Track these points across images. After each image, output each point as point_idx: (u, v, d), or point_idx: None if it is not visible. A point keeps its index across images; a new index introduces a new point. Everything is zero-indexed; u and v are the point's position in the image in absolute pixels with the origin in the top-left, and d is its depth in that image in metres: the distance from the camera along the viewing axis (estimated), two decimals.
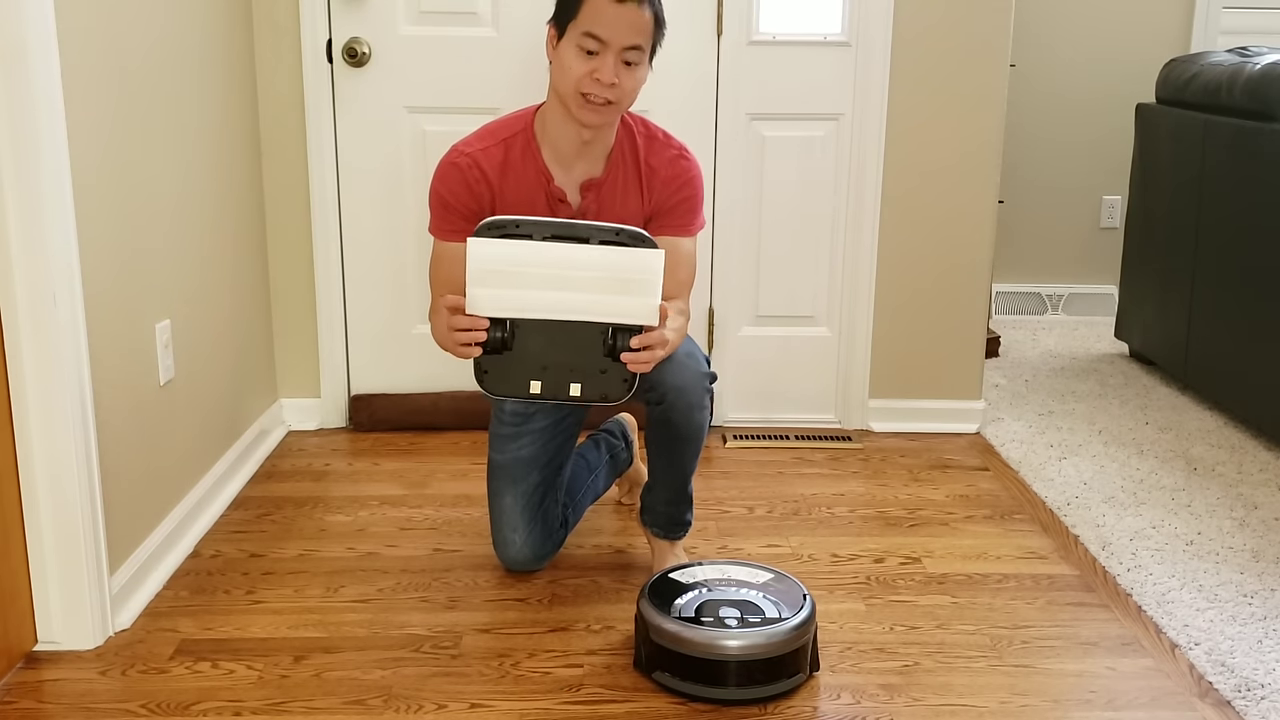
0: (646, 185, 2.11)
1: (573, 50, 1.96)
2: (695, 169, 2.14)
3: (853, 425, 3.23)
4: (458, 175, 2.07)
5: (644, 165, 2.10)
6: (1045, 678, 1.99)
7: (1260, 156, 3.08)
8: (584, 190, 2.09)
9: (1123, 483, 2.85)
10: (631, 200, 2.11)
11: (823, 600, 2.24)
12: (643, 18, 1.96)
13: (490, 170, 2.07)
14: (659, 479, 2.25)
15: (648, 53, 2.01)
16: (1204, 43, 4.32)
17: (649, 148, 2.11)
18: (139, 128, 2.23)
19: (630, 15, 1.94)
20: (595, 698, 1.90)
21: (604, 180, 2.09)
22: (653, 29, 1.99)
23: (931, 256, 3.13)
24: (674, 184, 2.11)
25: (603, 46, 1.95)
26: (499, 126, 2.12)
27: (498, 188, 2.07)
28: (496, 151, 2.07)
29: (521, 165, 2.07)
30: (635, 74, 2.00)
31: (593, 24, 1.94)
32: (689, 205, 2.13)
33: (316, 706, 1.87)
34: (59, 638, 2.03)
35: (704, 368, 2.14)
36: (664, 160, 2.11)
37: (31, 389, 1.93)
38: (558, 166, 2.08)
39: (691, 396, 2.11)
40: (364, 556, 2.41)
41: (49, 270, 1.89)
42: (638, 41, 1.97)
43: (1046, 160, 4.43)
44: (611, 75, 1.95)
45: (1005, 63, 3.05)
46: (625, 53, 1.96)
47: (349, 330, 3.14)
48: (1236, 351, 3.19)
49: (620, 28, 1.94)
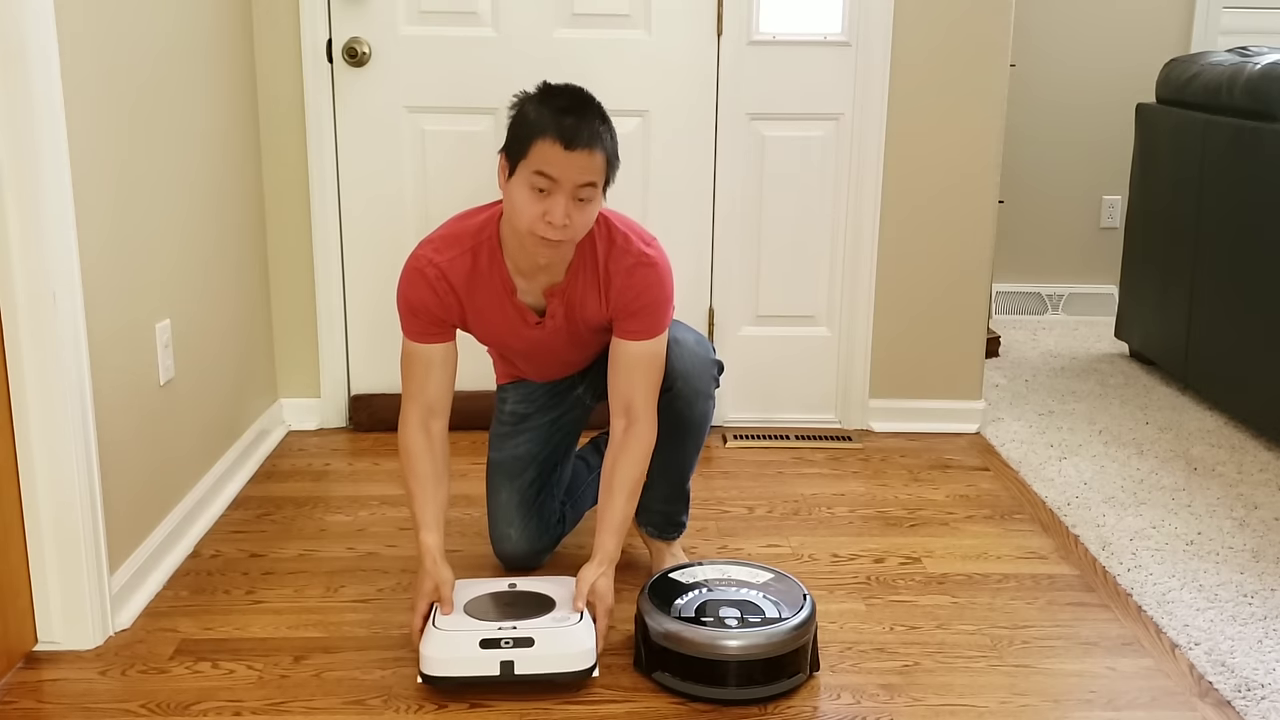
0: (604, 291, 2.05)
1: (524, 190, 1.90)
2: (656, 274, 2.04)
3: (853, 425, 3.23)
4: (425, 285, 2.03)
5: (602, 271, 2.04)
6: (1045, 678, 1.99)
7: (1260, 156, 3.08)
8: (548, 296, 2.06)
9: (1123, 483, 2.85)
10: (591, 303, 2.06)
11: (823, 600, 2.24)
12: (594, 161, 1.89)
13: (458, 282, 2.03)
14: (657, 475, 2.24)
15: (600, 188, 1.94)
16: (1204, 43, 4.32)
17: (609, 254, 2.04)
18: (139, 128, 2.23)
19: (580, 161, 1.88)
20: (595, 698, 1.90)
21: (566, 286, 2.05)
22: (605, 167, 1.92)
23: (931, 256, 3.13)
24: (630, 293, 2.03)
25: (554, 185, 1.88)
26: (465, 232, 2.05)
27: (465, 297, 2.05)
28: (463, 261, 2.03)
29: (489, 274, 2.04)
30: (587, 210, 1.93)
31: (544, 165, 1.87)
32: (649, 312, 2.05)
33: (316, 706, 1.87)
34: (59, 638, 2.03)
35: (712, 355, 2.16)
36: (621, 269, 2.03)
37: (31, 389, 1.93)
38: (520, 277, 2.05)
39: (699, 383, 2.11)
40: (364, 556, 2.41)
41: (49, 270, 1.89)
42: (590, 179, 1.90)
43: (1046, 160, 4.43)
44: (563, 217, 1.88)
45: (1005, 63, 3.05)
46: (578, 190, 1.89)
47: (349, 330, 3.14)
48: (1236, 351, 3.19)
49: (571, 170, 1.87)
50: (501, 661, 1.85)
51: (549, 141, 1.86)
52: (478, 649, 1.86)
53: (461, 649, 1.87)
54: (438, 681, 1.87)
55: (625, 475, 2.05)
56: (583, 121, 1.88)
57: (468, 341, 2.19)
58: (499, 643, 1.86)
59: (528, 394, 2.31)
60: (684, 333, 2.15)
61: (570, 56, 2.98)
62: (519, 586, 2.05)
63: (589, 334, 2.12)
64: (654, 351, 2.07)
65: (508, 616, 1.93)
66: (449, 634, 1.89)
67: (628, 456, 2.05)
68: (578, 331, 2.11)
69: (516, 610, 1.96)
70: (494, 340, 2.18)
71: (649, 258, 2.04)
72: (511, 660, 1.86)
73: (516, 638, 1.87)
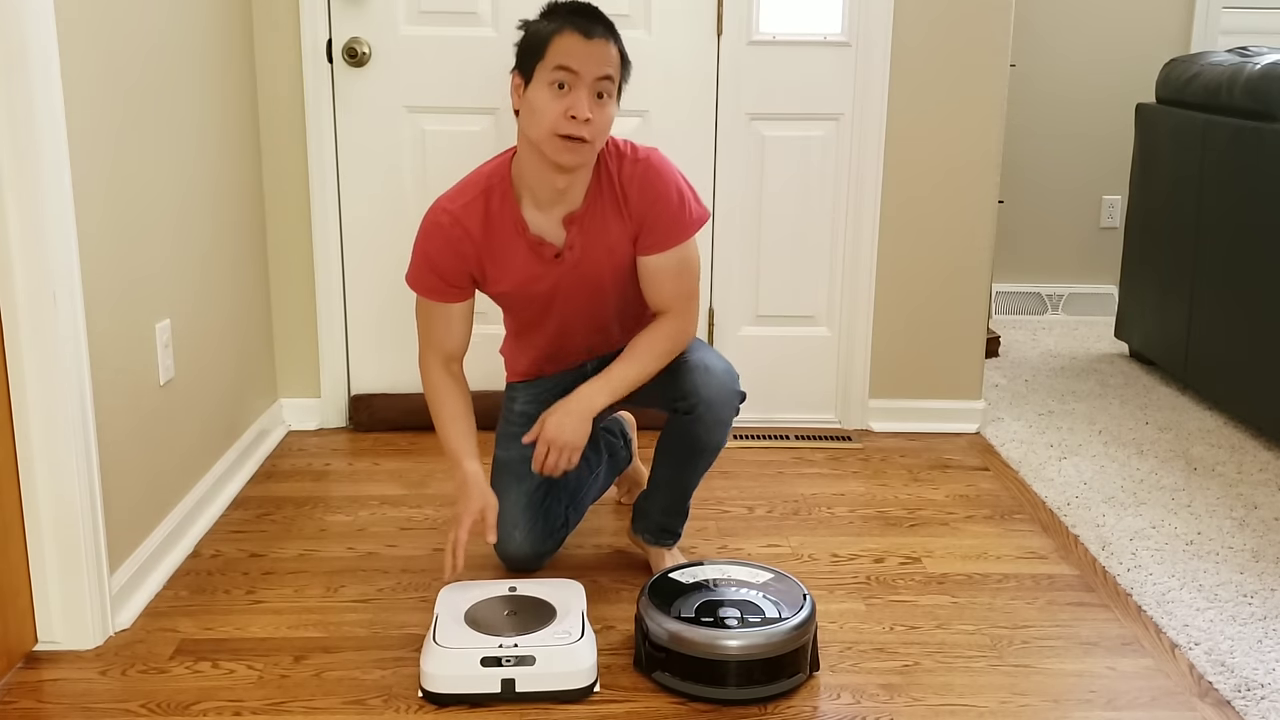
0: (624, 205, 2.08)
1: (544, 90, 1.96)
2: (662, 170, 2.09)
3: (853, 425, 3.23)
4: (442, 236, 2.07)
5: (619, 187, 2.08)
6: (1045, 678, 1.99)
7: (1260, 156, 3.08)
8: (566, 224, 2.09)
9: (1123, 483, 2.85)
10: (614, 227, 2.09)
11: (823, 600, 2.24)
12: (610, 51, 1.98)
13: (473, 227, 2.07)
14: (661, 486, 2.25)
15: (616, 86, 2.01)
16: (1204, 43, 4.32)
17: (620, 166, 2.09)
18: (139, 128, 2.23)
19: (599, 49, 1.96)
20: (595, 698, 1.90)
21: (584, 213, 2.08)
22: (619, 63, 2.01)
23: (931, 256, 3.13)
24: (648, 196, 2.08)
25: (575, 79, 1.95)
26: (477, 177, 2.11)
27: (482, 242, 2.08)
28: (477, 205, 2.07)
29: (500, 215, 2.08)
30: (606, 109, 1.99)
31: (564, 58, 1.94)
32: (669, 212, 2.09)
33: (316, 706, 1.87)
34: (59, 637, 2.03)
35: (738, 386, 2.16)
36: (635, 175, 2.08)
37: (31, 389, 1.93)
38: (535, 211, 2.08)
39: (722, 412, 2.13)
40: (364, 556, 2.41)
41: (49, 270, 1.89)
42: (608, 72, 1.98)
43: (1046, 160, 4.43)
44: (586, 110, 1.94)
45: (1005, 63, 3.05)
46: (597, 84, 1.96)
47: (349, 330, 3.14)
48: (1236, 351, 3.19)
49: (591, 60, 1.95)
50: (503, 680, 1.86)
51: (567, 34, 1.96)
52: (479, 667, 1.86)
53: (462, 667, 1.87)
54: (439, 699, 1.88)
55: (640, 342, 2.12)
56: (595, 18, 2.00)
57: (472, 341, 2.19)
58: (500, 661, 1.87)
59: (537, 394, 2.31)
60: (715, 360, 2.16)
61: None
62: (520, 590, 2.05)
63: (609, 274, 2.13)
64: (679, 258, 2.12)
65: (509, 629, 1.93)
66: (450, 651, 1.89)
67: (651, 332, 2.13)
68: (597, 269, 2.12)
69: (517, 621, 1.95)
70: (514, 288, 2.15)
71: (655, 156, 2.11)
72: (512, 679, 1.86)
73: (518, 656, 1.87)
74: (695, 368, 2.12)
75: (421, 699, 1.88)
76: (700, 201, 2.15)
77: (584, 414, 2.09)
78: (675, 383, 2.12)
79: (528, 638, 1.91)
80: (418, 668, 1.91)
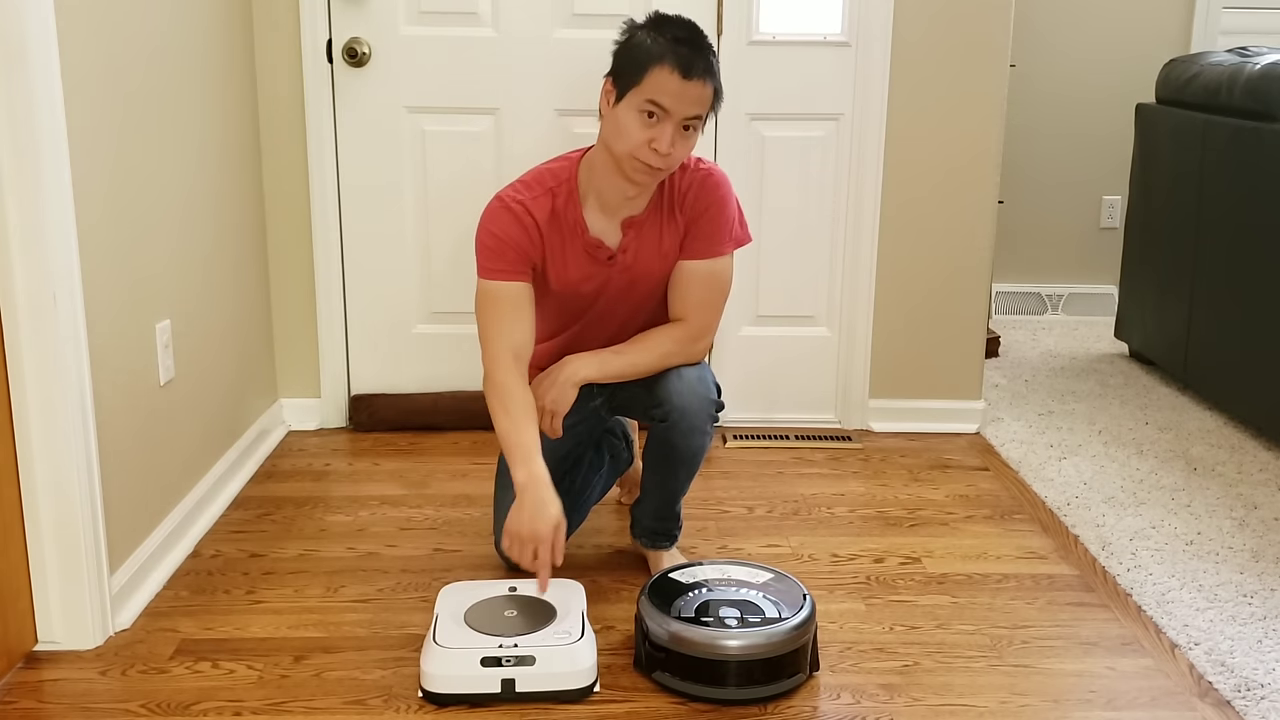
0: (680, 210, 2.14)
1: (633, 115, 1.97)
2: (720, 184, 2.15)
3: (853, 425, 3.23)
4: (510, 216, 2.08)
5: (679, 194, 2.13)
6: (1045, 678, 1.99)
7: (1260, 156, 3.08)
8: (624, 227, 2.12)
9: (1123, 483, 2.85)
10: (667, 232, 2.14)
11: (823, 600, 2.24)
12: (705, 93, 1.98)
13: (540, 218, 2.09)
14: (649, 492, 2.27)
15: (704, 120, 2.03)
16: (1204, 43, 4.32)
17: (681, 174, 2.14)
18: (139, 128, 2.23)
19: (695, 91, 1.96)
20: (595, 698, 1.90)
21: (644, 219, 2.12)
22: (712, 100, 2.01)
23: (931, 256, 3.13)
24: (701, 202, 2.13)
25: (665, 115, 1.96)
26: (544, 175, 2.12)
27: (546, 235, 2.10)
28: (544, 201, 2.09)
29: (564, 215, 2.10)
30: (689, 141, 2.02)
31: (658, 94, 1.95)
32: (716, 221, 2.14)
33: (316, 706, 1.87)
34: (59, 637, 2.03)
35: (713, 395, 2.17)
36: (692, 182, 2.13)
37: (31, 389, 1.93)
38: (597, 214, 2.11)
39: (695, 420, 2.13)
40: (364, 556, 2.41)
41: (49, 270, 1.89)
42: (699, 111, 1.99)
43: (1046, 160, 4.43)
44: (669, 146, 1.97)
45: (1005, 63, 3.05)
46: (685, 121, 1.99)
47: (349, 330, 3.14)
48: (1236, 351, 3.19)
49: (685, 101, 1.96)
50: (503, 680, 1.86)
51: (666, 70, 1.95)
52: (479, 667, 1.87)
53: (462, 666, 1.87)
54: (439, 699, 1.88)
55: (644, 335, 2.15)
56: (698, 53, 1.97)
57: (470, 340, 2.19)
58: (500, 661, 1.87)
59: None
60: (690, 370, 2.16)
61: (570, 56, 2.98)
62: (520, 591, 2.05)
63: (658, 278, 2.16)
64: (712, 270, 2.15)
65: (509, 629, 1.93)
66: (450, 651, 1.89)
67: (658, 330, 2.16)
68: (647, 273, 2.15)
69: (518, 622, 1.95)
70: (564, 287, 2.16)
71: (718, 172, 2.16)
72: (513, 679, 1.86)
73: (518, 656, 1.87)
74: (669, 376, 2.14)
75: (421, 699, 1.88)
76: (746, 226, 2.22)
77: (567, 381, 2.11)
78: (650, 392, 2.15)
79: (528, 638, 1.91)
80: (418, 668, 1.92)
